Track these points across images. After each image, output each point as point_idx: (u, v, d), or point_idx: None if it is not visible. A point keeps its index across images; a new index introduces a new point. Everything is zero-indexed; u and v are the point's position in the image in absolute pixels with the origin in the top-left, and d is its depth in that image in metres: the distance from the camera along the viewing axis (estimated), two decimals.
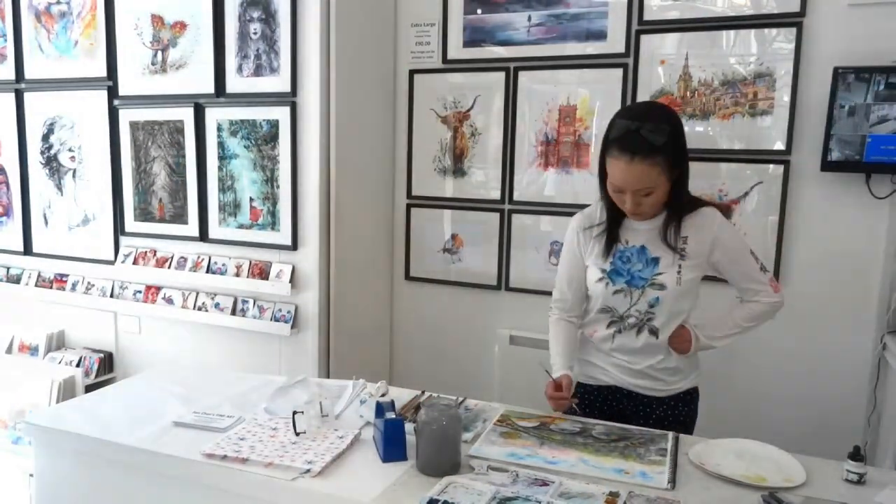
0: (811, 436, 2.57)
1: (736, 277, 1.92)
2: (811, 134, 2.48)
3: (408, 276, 3.24)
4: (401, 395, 1.94)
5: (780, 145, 2.53)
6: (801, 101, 2.49)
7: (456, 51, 3.01)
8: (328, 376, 2.80)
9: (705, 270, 1.91)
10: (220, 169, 2.92)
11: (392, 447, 1.58)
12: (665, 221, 1.86)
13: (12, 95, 3.34)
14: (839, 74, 2.35)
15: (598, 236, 1.94)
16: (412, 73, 3.10)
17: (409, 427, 1.60)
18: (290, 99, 2.72)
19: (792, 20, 2.48)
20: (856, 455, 1.53)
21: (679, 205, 1.85)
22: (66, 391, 2.93)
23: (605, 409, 1.99)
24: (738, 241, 1.91)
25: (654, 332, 1.90)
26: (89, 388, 2.84)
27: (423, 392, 2.00)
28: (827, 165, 2.41)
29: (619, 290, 1.90)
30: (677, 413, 1.95)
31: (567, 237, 2.04)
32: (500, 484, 1.45)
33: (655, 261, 1.87)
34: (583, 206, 2.80)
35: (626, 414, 1.95)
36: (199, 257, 3.00)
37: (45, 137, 3.31)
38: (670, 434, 1.75)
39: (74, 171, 3.27)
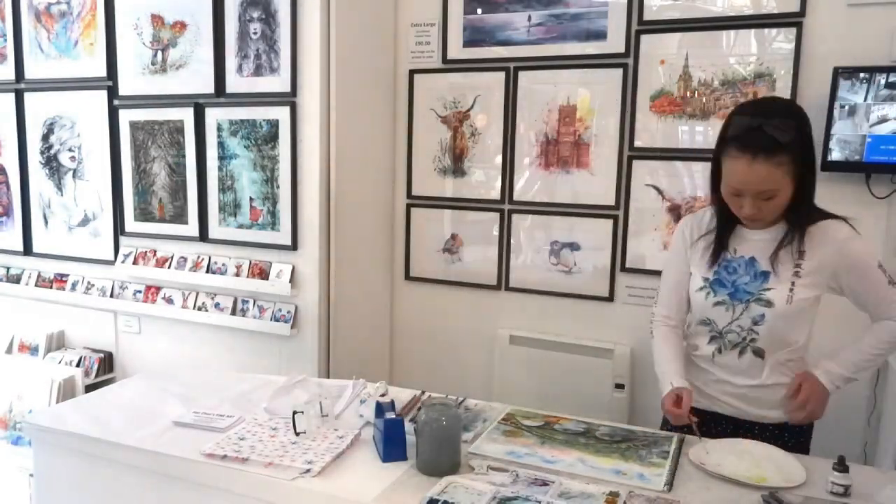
0: (813, 436, 2.57)
1: (861, 296, 1.73)
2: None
3: (408, 276, 3.24)
4: (401, 395, 1.94)
5: None
6: (800, 101, 2.49)
7: (456, 51, 3.01)
8: (328, 376, 2.80)
9: (823, 291, 1.74)
10: (219, 169, 2.92)
11: (392, 447, 1.58)
12: (785, 232, 1.69)
13: (12, 95, 3.34)
14: (839, 74, 2.35)
15: (706, 243, 1.79)
16: (412, 72, 3.11)
17: (409, 427, 1.60)
18: (290, 99, 2.72)
19: (791, 20, 2.48)
20: (841, 466, 1.46)
21: (802, 214, 1.68)
22: (66, 391, 2.94)
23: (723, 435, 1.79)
24: (866, 256, 1.71)
25: (758, 354, 1.75)
26: (89, 388, 2.85)
27: (423, 392, 2.00)
28: (827, 165, 2.41)
29: (720, 301, 1.75)
30: (796, 441, 1.79)
31: (674, 241, 1.90)
32: (500, 484, 1.45)
33: (765, 275, 1.71)
34: (583, 206, 2.84)
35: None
36: (199, 257, 3.00)
37: (45, 137, 3.31)
38: (675, 436, 1.73)
39: (74, 170, 3.27)
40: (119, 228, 3.20)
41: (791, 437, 1.79)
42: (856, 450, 2.49)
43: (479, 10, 2.95)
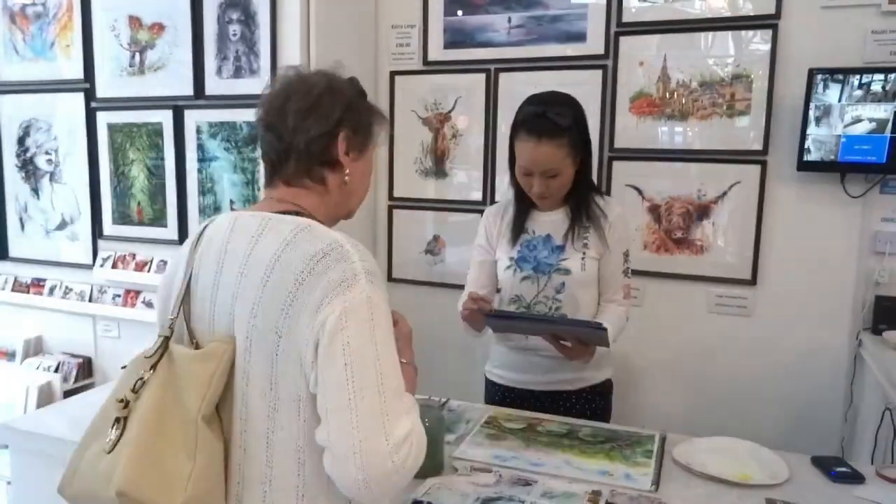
0: (791, 432, 2.61)
1: (605, 271, 1.96)
2: (787, 134, 2.51)
3: (390, 278, 3.24)
4: None
5: (757, 146, 2.57)
6: (777, 101, 2.53)
7: (436, 52, 3.02)
8: None
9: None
10: (199, 171, 2.90)
11: None
12: (572, 210, 1.93)
13: None
14: (814, 75, 2.39)
15: (507, 227, 2.00)
16: (393, 74, 3.10)
17: None
18: None
19: (767, 22, 2.51)
20: None
21: (581, 192, 1.93)
22: (44, 397, 2.90)
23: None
24: (622, 237, 1.96)
25: None
26: (68, 394, 2.82)
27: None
28: (803, 165, 2.45)
29: (527, 276, 1.95)
30: (594, 406, 2.00)
31: (479, 231, 2.10)
32: (484, 484, 1.46)
33: (560, 248, 1.93)
34: None
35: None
36: None
37: (21, 140, 3.27)
38: (657, 434, 1.76)
39: (51, 174, 3.23)
40: (97, 232, 3.17)
41: (599, 399, 2.02)
42: (833, 445, 2.53)
43: (459, 12, 2.95)
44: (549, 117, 1.80)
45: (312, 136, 1.14)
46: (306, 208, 1.17)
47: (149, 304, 3.03)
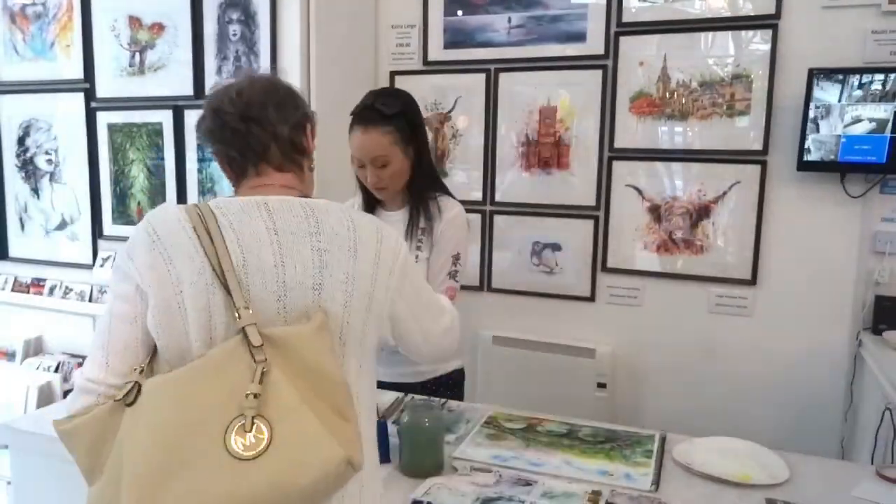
0: (791, 432, 2.61)
1: (429, 275, 1.90)
2: (787, 134, 2.51)
3: None
4: (384, 398, 1.94)
5: (757, 146, 2.57)
6: (777, 101, 2.53)
7: (436, 52, 3.02)
8: None
9: None
10: (199, 171, 2.90)
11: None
12: (411, 210, 1.94)
13: None
14: (814, 75, 2.39)
15: None
16: (393, 74, 3.10)
17: (392, 429, 1.61)
18: None
19: (767, 22, 2.51)
20: None
21: (422, 191, 1.94)
22: (44, 397, 2.90)
23: None
24: (453, 240, 1.92)
25: None
26: (68, 394, 2.81)
27: (406, 394, 2.00)
28: (803, 165, 2.45)
29: None
30: (444, 397, 2.00)
31: None
32: (484, 484, 1.46)
33: None
34: (564, 207, 2.86)
35: None
36: None
37: (21, 140, 3.27)
38: (657, 434, 1.75)
39: (51, 173, 3.23)
40: (97, 232, 3.17)
41: (445, 389, 2.02)
42: (833, 445, 2.53)
43: (459, 12, 2.95)
44: (376, 107, 1.86)
45: (292, 124, 1.28)
46: (308, 195, 1.28)
47: None
